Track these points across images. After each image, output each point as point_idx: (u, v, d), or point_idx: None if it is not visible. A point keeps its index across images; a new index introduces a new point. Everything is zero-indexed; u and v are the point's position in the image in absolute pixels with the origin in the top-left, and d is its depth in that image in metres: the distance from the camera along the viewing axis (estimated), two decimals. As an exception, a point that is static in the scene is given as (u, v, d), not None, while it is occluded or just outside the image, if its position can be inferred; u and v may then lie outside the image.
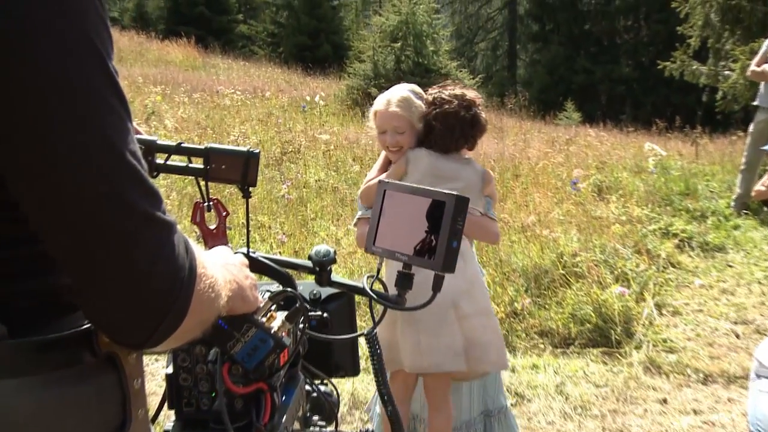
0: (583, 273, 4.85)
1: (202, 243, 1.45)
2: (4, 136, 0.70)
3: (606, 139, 10.78)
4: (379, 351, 1.31)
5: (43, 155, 0.70)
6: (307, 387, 1.45)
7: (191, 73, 16.50)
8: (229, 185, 1.44)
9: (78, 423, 0.81)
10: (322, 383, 1.53)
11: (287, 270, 1.37)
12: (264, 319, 1.13)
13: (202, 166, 1.38)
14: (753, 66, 6.62)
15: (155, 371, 3.65)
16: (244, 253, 1.28)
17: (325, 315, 1.42)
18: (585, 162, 8.42)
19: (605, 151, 9.44)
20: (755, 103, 6.84)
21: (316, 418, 1.47)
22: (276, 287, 1.30)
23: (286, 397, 1.25)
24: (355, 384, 3.62)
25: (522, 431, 3.28)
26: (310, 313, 1.40)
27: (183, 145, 1.40)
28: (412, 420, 2.80)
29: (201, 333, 0.87)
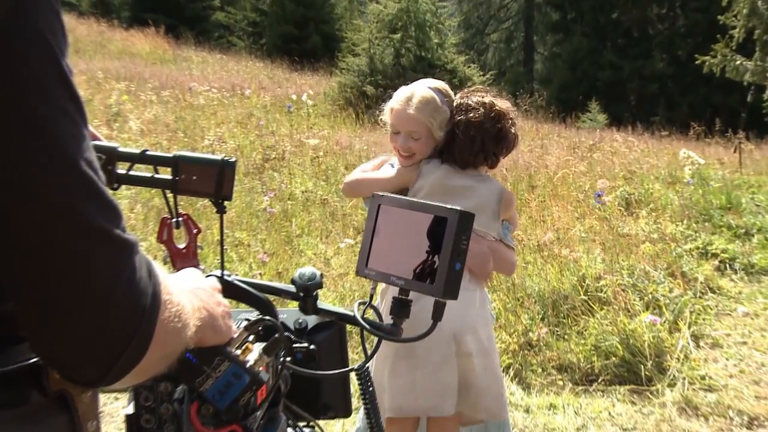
0: (609, 299, 4.85)
1: (169, 264, 1.46)
2: None
3: (635, 145, 10.83)
4: (372, 388, 1.32)
5: None
6: (290, 430, 1.45)
7: (160, 68, 16.57)
8: (202, 198, 1.44)
9: (23, 471, 0.81)
10: (307, 425, 1.53)
11: (267, 296, 1.38)
12: (239, 352, 1.13)
13: (170, 176, 1.38)
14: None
15: (113, 411, 3.64)
16: (217, 276, 1.29)
17: (312, 347, 1.42)
18: (611, 171, 8.45)
19: (634, 159, 9.48)
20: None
21: (299, 465, 1.47)
22: (255, 315, 1.30)
23: (264, 442, 1.25)
24: (346, 426, 3.61)
25: (538, 482, 3.27)
26: (294, 345, 1.40)
27: (148, 153, 1.41)
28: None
29: (166, 368, 0.87)
